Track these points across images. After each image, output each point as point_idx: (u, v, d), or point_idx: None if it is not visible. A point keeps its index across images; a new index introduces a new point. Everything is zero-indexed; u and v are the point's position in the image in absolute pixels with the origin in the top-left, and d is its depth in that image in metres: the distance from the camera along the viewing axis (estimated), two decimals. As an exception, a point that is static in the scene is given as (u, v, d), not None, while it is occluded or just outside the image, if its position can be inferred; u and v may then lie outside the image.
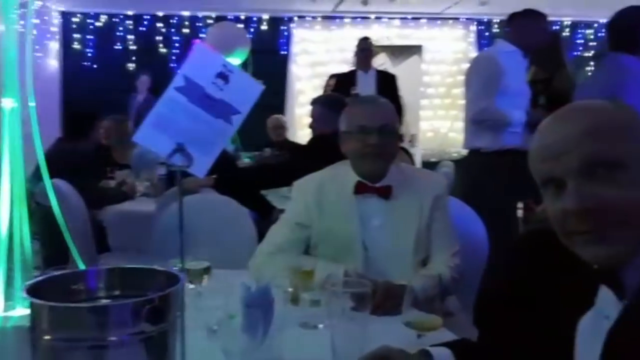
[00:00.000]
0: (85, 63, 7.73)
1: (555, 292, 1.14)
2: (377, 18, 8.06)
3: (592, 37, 8.26)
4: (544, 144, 1.00)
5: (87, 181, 3.78)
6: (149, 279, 1.06)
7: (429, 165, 7.15)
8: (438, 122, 8.30)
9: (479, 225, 2.44)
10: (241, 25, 7.46)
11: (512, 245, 1.74)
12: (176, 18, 7.84)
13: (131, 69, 7.74)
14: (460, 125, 8.21)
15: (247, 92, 1.22)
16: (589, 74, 7.80)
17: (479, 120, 3.44)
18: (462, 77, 8.32)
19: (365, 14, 7.94)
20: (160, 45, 7.82)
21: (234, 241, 2.52)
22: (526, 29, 3.52)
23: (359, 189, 2.00)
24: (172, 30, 7.83)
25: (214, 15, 7.81)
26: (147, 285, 1.05)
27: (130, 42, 7.76)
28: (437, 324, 1.44)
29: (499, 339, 1.36)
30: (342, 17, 8.06)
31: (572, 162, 0.94)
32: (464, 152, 8.20)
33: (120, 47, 7.77)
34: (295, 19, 8.05)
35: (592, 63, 8.03)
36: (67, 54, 7.72)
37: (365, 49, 5.80)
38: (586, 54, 8.18)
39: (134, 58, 7.77)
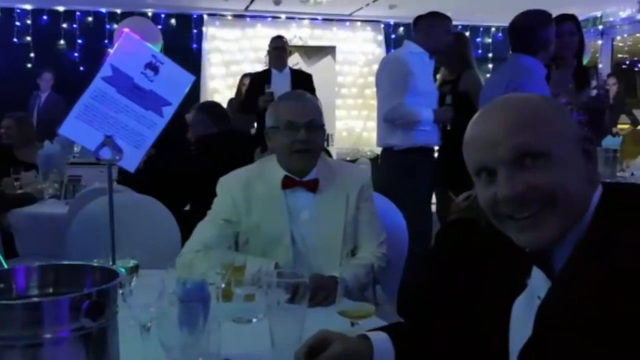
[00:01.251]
0: (-20, 59, 7.26)
1: (486, 277, 1.19)
2: (288, 18, 8.10)
3: (489, 40, 8.70)
4: (476, 136, 1.05)
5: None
6: (82, 275, 1.02)
7: (343, 164, 7.25)
8: (352, 121, 8.46)
9: (399, 217, 2.51)
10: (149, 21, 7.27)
11: (436, 236, 1.80)
12: (79, 14, 7.51)
13: (31, 66, 7.34)
14: (372, 124, 8.45)
15: (177, 83, 1.20)
16: (488, 75, 8.26)
17: (390, 118, 3.55)
18: (373, 78, 8.52)
19: (277, 13, 7.96)
20: (62, 41, 7.46)
21: (156, 240, 2.46)
22: (431, 31, 3.67)
23: (287, 184, 2.00)
24: (75, 26, 7.49)
25: (119, 11, 7.55)
26: (81, 282, 1.01)
27: (30, 38, 7.36)
28: (370, 311, 1.48)
29: (426, 328, 1.41)
30: (254, 17, 8.03)
31: (502, 153, 1.00)
32: (377, 150, 8.42)
33: (18, 43, 7.34)
34: (206, 16, 7.94)
35: (490, 66, 8.49)
36: (-42, 49, 7.23)
37: (279, 47, 5.77)
38: (485, 57, 8.61)
39: (33, 55, 7.37)
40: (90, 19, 7.54)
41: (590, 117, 3.24)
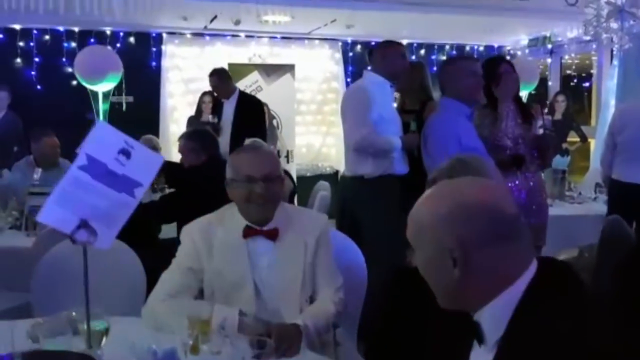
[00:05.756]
0: None
1: (432, 327, 1.32)
2: (248, 36, 8.17)
3: (443, 57, 8.94)
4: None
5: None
6: None
7: (304, 179, 7.34)
8: (311, 137, 8.58)
9: (357, 254, 2.61)
10: (109, 48, 7.23)
11: (389, 283, 1.92)
12: (36, 32, 7.43)
13: (-14, 85, 7.21)
14: (331, 140, 8.60)
15: (148, 165, 1.28)
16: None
17: (361, 147, 3.59)
18: (331, 95, 8.71)
19: (236, 32, 8.02)
20: (19, 60, 7.36)
21: (122, 285, 2.51)
22: (386, 57, 3.79)
23: (248, 233, 2.09)
24: (32, 44, 7.41)
25: (77, 30, 7.49)
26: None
27: (-15, 56, 7.24)
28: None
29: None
30: (213, 35, 8.07)
31: None
32: (337, 166, 8.52)
33: (-27, 62, 7.23)
34: (165, 35, 7.95)
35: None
36: None
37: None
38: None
39: (-12, 73, 7.25)
40: (47, 37, 7.45)
41: (539, 152, 3.45)
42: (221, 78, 5.78)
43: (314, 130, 8.61)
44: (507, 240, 1.13)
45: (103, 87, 5.12)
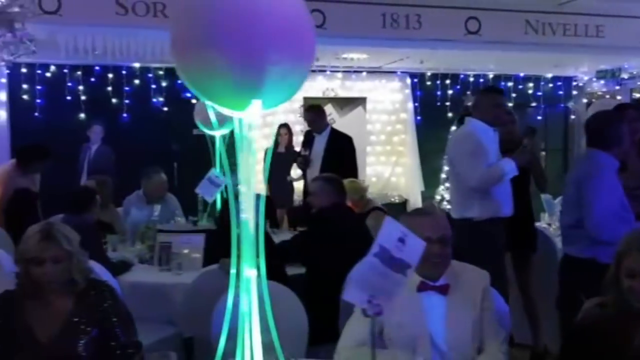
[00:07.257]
0: (35, 114, 7.63)
1: None
2: (320, 71, 8.52)
3: (512, 88, 9.16)
4: None
5: (101, 255, 3.89)
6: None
7: (374, 209, 7.62)
8: (380, 167, 8.86)
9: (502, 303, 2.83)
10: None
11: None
12: (127, 69, 7.91)
13: (82, 119, 7.72)
14: (399, 170, 8.87)
15: (415, 249, 1.57)
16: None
17: (482, 185, 3.78)
18: (400, 126, 8.93)
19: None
20: (111, 95, 7.86)
21: (286, 327, 2.78)
22: (481, 105, 4.01)
23: (422, 287, 2.34)
24: (123, 81, 7.90)
25: (164, 66, 7.95)
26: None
27: (81, 93, 7.75)
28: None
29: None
30: (289, 69, 8.43)
31: None
32: (405, 194, 8.70)
33: (70, 98, 7.73)
34: (243, 69, 8.34)
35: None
36: (15, 105, 7.59)
37: (309, 121, 6.31)
38: (508, 104, 9.06)
39: (84, 108, 7.76)
40: (137, 73, 7.95)
41: None
42: (318, 113, 6.19)
43: (384, 161, 8.90)
44: None
45: (220, 132, 5.54)
